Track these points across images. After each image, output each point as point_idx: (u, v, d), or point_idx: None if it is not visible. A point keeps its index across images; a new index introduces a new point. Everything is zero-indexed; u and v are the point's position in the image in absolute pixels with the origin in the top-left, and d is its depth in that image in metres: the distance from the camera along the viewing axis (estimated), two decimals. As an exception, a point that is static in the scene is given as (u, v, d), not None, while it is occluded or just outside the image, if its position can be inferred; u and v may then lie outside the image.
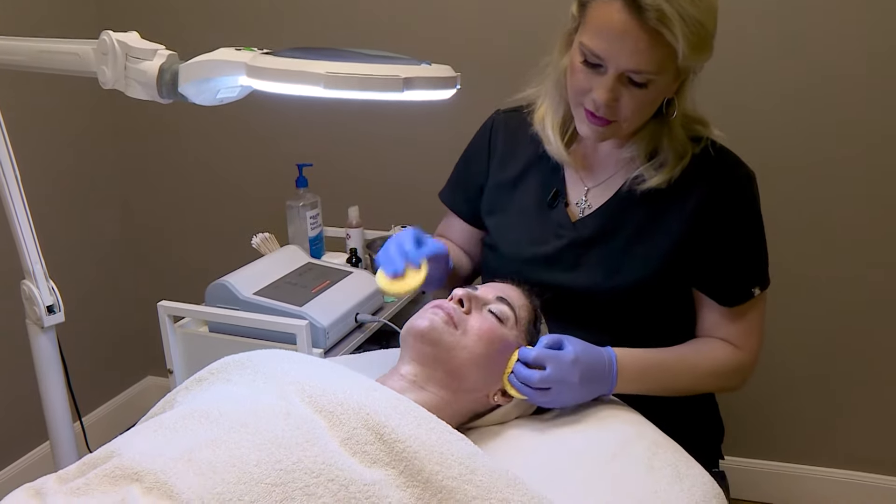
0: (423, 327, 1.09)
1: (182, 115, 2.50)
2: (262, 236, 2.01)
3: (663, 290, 1.28)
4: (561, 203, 1.34)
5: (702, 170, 1.25)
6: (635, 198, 1.28)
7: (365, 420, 0.91)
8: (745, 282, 1.27)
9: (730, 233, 1.25)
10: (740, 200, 1.26)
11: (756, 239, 1.29)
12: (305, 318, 1.57)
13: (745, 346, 1.29)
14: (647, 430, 1.14)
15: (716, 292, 1.28)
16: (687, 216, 1.25)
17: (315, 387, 0.96)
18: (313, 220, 2.07)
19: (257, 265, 1.80)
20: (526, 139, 1.39)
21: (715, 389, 1.30)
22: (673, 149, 1.24)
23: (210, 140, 2.54)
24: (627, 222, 1.28)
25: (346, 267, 1.90)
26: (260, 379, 1.02)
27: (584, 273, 1.28)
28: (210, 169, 2.57)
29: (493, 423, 1.15)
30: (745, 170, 1.27)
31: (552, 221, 1.33)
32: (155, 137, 2.61)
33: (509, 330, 1.14)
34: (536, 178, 1.38)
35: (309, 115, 2.38)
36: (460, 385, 1.10)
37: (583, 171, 1.35)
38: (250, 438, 0.87)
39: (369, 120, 2.34)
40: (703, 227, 1.25)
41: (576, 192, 1.35)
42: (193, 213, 2.64)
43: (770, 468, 2.28)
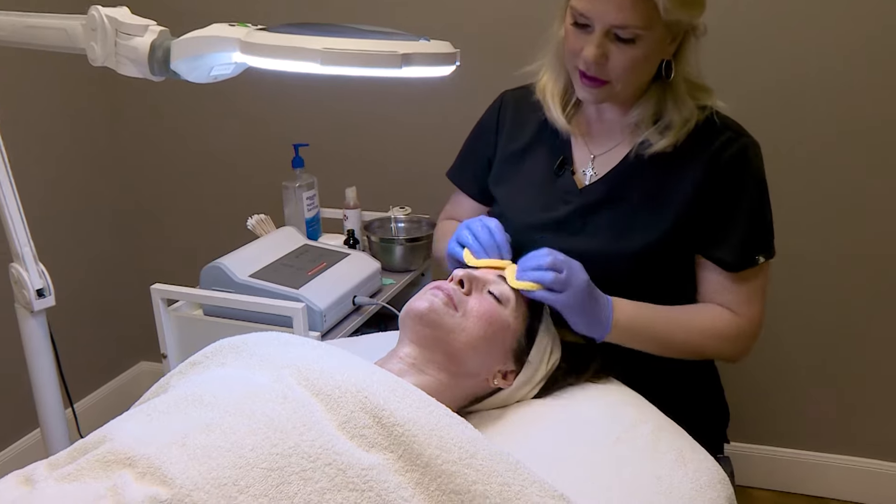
0: (423, 308, 1.10)
1: (176, 93, 2.49)
2: (258, 218, 2.01)
3: (669, 255, 1.29)
4: (567, 171, 1.37)
5: (707, 137, 1.28)
6: (642, 164, 1.31)
7: (363, 403, 0.91)
8: (749, 248, 1.29)
9: (735, 199, 1.28)
10: (746, 167, 1.28)
11: (761, 206, 1.31)
12: (302, 300, 1.57)
13: (744, 313, 1.30)
14: (651, 413, 1.15)
15: (719, 257, 1.30)
16: (693, 182, 1.27)
17: (312, 369, 0.96)
18: (310, 201, 2.07)
19: (253, 247, 1.80)
20: (533, 113, 1.43)
21: (710, 352, 1.31)
22: (678, 112, 1.28)
23: (204, 119, 2.53)
24: (634, 188, 1.31)
25: (343, 249, 1.90)
26: (255, 362, 1.02)
27: (591, 237, 1.31)
28: (204, 149, 2.56)
29: (494, 407, 1.16)
30: (750, 138, 1.31)
31: (559, 188, 1.37)
32: (148, 117, 2.60)
33: (510, 312, 1.15)
34: (544, 148, 1.41)
35: (305, 94, 2.37)
36: (459, 368, 1.10)
37: (588, 138, 1.39)
38: (245, 422, 0.87)
39: (367, 98, 2.33)
40: (709, 194, 1.27)
41: (582, 159, 1.38)
42: (188, 194, 2.64)
43: (776, 454, 2.30)
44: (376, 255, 1.97)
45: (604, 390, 1.20)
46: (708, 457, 1.08)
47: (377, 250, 2.00)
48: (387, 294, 1.84)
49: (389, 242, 2.00)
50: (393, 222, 2.12)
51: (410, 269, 2.00)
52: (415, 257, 1.99)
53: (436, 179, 1.56)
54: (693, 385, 1.43)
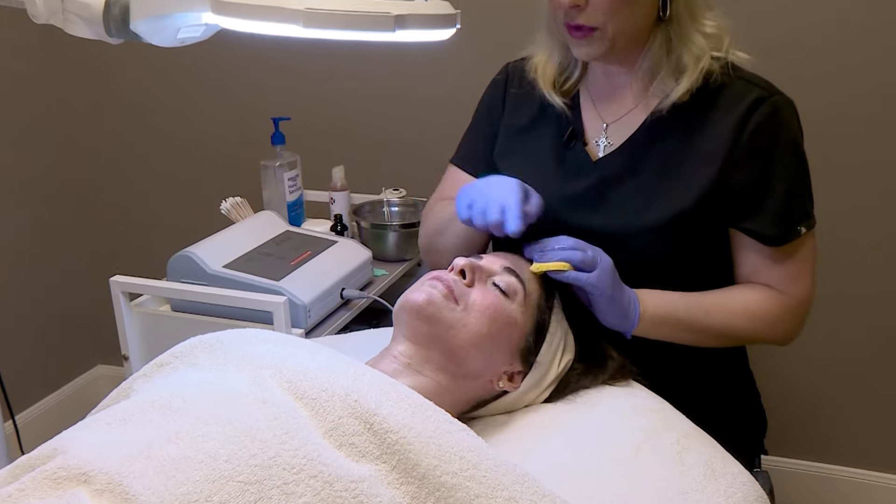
0: (420, 301, 1.10)
1: (136, 59, 2.48)
2: (233, 201, 2.01)
3: (699, 229, 1.30)
4: (578, 143, 1.38)
5: (733, 97, 1.29)
6: (662, 129, 1.32)
7: (352, 408, 0.91)
8: (789, 218, 1.30)
9: (769, 166, 1.28)
10: (779, 131, 1.28)
11: (800, 172, 1.31)
12: (283, 293, 1.57)
13: (791, 291, 1.31)
14: (675, 420, 1.15)
15: (757, 231, 1.30)
16: (720, 149, 1.28)
17: (295, 371, 0.96)
18: (292, 182, 2.07)
19: (227, 234, 1.80)
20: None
21: (756, 337, 1.33)
22: (687, 50, 1.29)
23: (169, 90, 2.53)
24: (655, 156, 1.32)
25: (329, 236, 1.90)
26: (231, 362, 1.02)
27: (610, 213, 1.32)
28: (170, 124, 2.56)
29: (499, 413, 1.16)
30: (782, 96, 1.31)
31: (570, 162, 1.38)
32: (102, 87, 2.59)
33: (517, 306, 1.15)
34: (551, 120, 1.42)
35: (286, 61, 2.37)
36: (460, 368, 1.10)
37: (599, 105, 1.40)
38: (220, 430, 0.87)
39: (357, 67, 2.32)
40: (740, 162, 1.28)
41: (594, 129, 1.39)
42: (151, 175, 2.64)
43: (822, 471, 2.28)
44: (367, 242, 1.97)
45: (623, 394, 1.20)
46: (742, 470, 1.08)
47: (368, 237, 2.00)
48: (379, 286, 1.85)
49: (382, 228, 2.00)
50: (385, 206, 2.12)
51: (405, 259, 2.00)
52: (410, 245, 1.99)
53: (434, 158, 1.56)
54: (724, 388, 1.43)
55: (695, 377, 1.36)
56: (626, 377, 1.24)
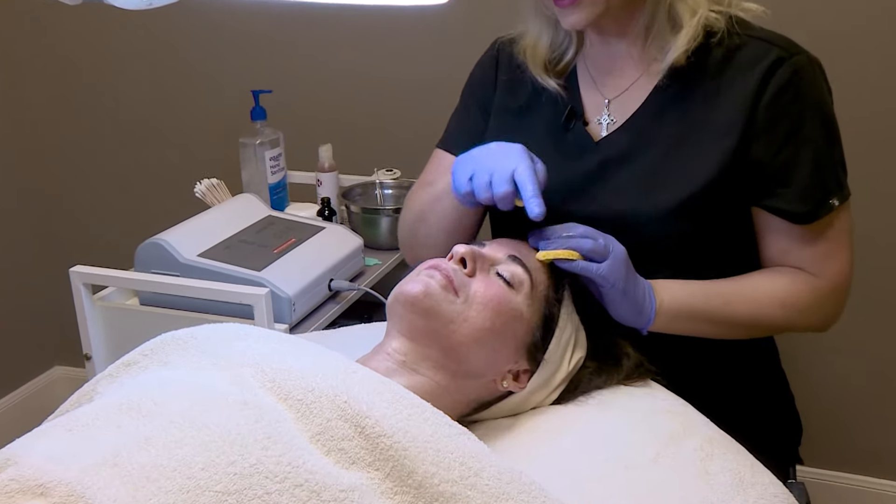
0: (416, 293, 1.10)
1: (96, 23, 2.47)
2: (208, 183, 2.01)
3: (716, 209, 1.29)
4: (578, 123, 1.38)
5: (747, 59, 1.29)
6: (670, 101, 1.32)
7: (341, 410, 0.91)
8: (819, 191, 1.28)
9: (793, 136, 1.27)
10: (802, 95, 1.27)
11: (829, 138, 1.30)
12: (265, 285, 1.57)
13: (826, 272, 1.30)
14: (699, 424, 1.15)
15: (783, 208, 1.29)
16: (738, 115, 1.27)
17: (278, 369, 0.96)
18: (274, 162, 2.08)
19: (202, 219, 1.80)
20: None
21: (787, 326, 1.32)
22: (682, 2, 1.28)
23: (135, 58, 2.52)
24: (664, 131, 1.32)
25: (316, 221, 1.90)
26: (208, 361, 1.02)
27: (616, 197, 1.31)
28: (136, 97, 2.56)
29: (504, 415, 1.16)
30: (804, 55, 1.29)
31: (570, 144, 1.38)
32: (58, 54, 2.57)
33: (522, 298, 1.15)
34: (546, 102, 1.42)
35: (268, 27, 2.36)
36: (460, 366, 1.11)
37: (599, 80, 1.40)
38: (195, 435, 0.87)
39: (346, 35, 2.32)
40: (759, 132, 1.27)
41: (594, 107, 1.39)
42: (115, 155, 2.63)
43: (865, 485, 2.29)
44: (357, 228, 1.98)
45: (640, 395, 1.20)
46: (774, 481, 1.08)
47: (359, 223, 2.00)
48: (371, 277, 1.85)
49: (374, 213, 2.01)
50: (378, 188, 2.13)
51: (398, 247, 2.00)
52: (405, 232, 2.00)
53: (433, 136, 1.55)
54: (753, 388, 1.44)
55: (720, 376, 1.37)
56: (644, 377, 1.24)
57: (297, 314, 1.62)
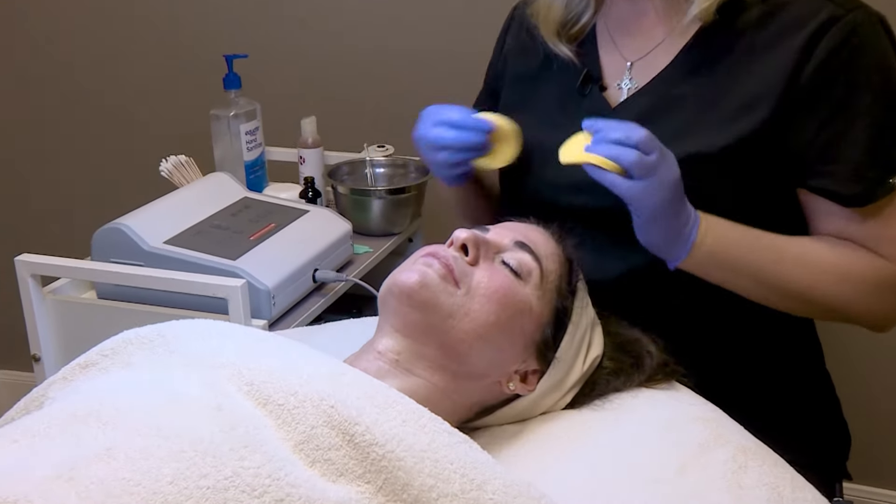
0: (411, 284, 1.10)
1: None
2: (176, 160, 2.01)
3: (738, 188, 1.30)
4: (595, 87, 1.40)
5: (796, 16, 1.28)
6: (699, 63, 1.32)
7: (328, 415, 0.92)
8: (875, 169, 1.27)
9: (848, 100, 1.26)
10: (858, 58, 1.26)
11: (890, 106, 1.28)
12: (241, 275, 1.58)
13: (892, 254, 1.29)
14: (731, 432, 1.15)
15: (831, 189, 1.29)
16: (777, 79, 1.27)
17: (257, 370, 0.97)
18: (250, 136, 2.08)
19: (169, 202, 1.80)
20: None
21: (842, 306, 1.29)
22: None
23: (92, 18, 2.51)
24: (688, 95, 1.32)
25: (298, 204, 1.90)
26: (176, 361, 1.02)
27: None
28: (93, 63, 2.55)
29: (510, 421, 1.17)
30: (863, 9, 1.28)
31: (584, 112, 1.36)
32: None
33: (531, 289, 1.15)
34: (561, 67, 1.44)
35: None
36: (461, 367, 1.11)
37: (620, 41, 1.42)
38: (163, 445, 0.87)
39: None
40: (805, 95, 1.26)
41: (615, 70, 1.41)
42: (68, 128, 2.62)
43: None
44: (345, 212, 1.98)
45: (664, 399, 1.21)
46: (818, 497, 1.08)
47: (347, 206, 2.01)
48: (360, 267, 1.85)
49: (364, 195, 2.01)
50: (368, 167, 2.13)
51: (393, 233, 2.01)
52: (399, 215, 2.00)
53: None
54: (795, 392, 1.44)
55: (756, 377, 1.37)
56: (669, 378, 1.25)
57: (277, 308, 1.63)
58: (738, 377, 1.30)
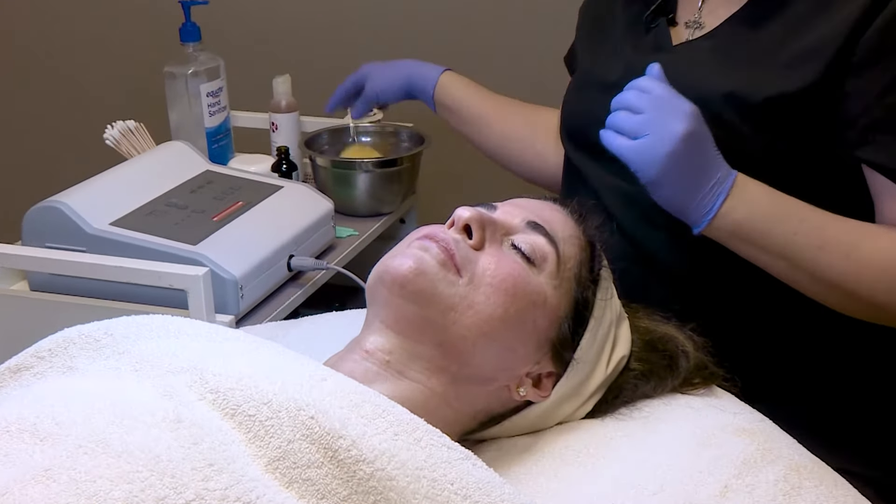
0: (405, 271, 1.10)
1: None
2: (123, 126, 2.01)
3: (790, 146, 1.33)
4: (663, 20, 1.48)
5: None
6: (768, 12, 1.37)
7: (307, 428, 0.92)
8: None
9: None
10: None
11: None
12: (203, 263, 1.58)
13: None
14: (782, 446, 1.16)
15: (883, 163, 1.31)
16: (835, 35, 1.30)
17: (223, 376, 0.97)
18: (213, 98, 2.07)
19: (116, 176, 1.80)
20: None
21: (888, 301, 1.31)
22: None
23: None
24: (750, 45, 1.38)
25: (270, 178, 1.90)
26: (127, 364, 1.02)
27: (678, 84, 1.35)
28: (17, 12, 2.55)
29: (521, 433, 1.18)
30: None
31: (645, 45, 1.48)
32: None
33: (546, 278, 1.16)
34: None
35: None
36: (463, 369, 1.11)
37: None
38: (112, 464, 0.87)
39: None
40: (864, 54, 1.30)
41: (688, 6, 1.48)
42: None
43: None
44: (326, 188, 1.98)
45: (702, 407, 1.21)
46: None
47: (327, 181, 2.01)
48: (344, 252, 1.86)
49: (348, 168, 2.01)
50: (353, 135, 2.13)
51: (382, 213, 2.01)
52: (389, 192, 2.01)
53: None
54: (858, 400, 1.45)
55: (812, 381, 1.37)
56: (708, 382, 1.25)
57: (245, 302, 1.63)
58: (791, 382, 1.31)
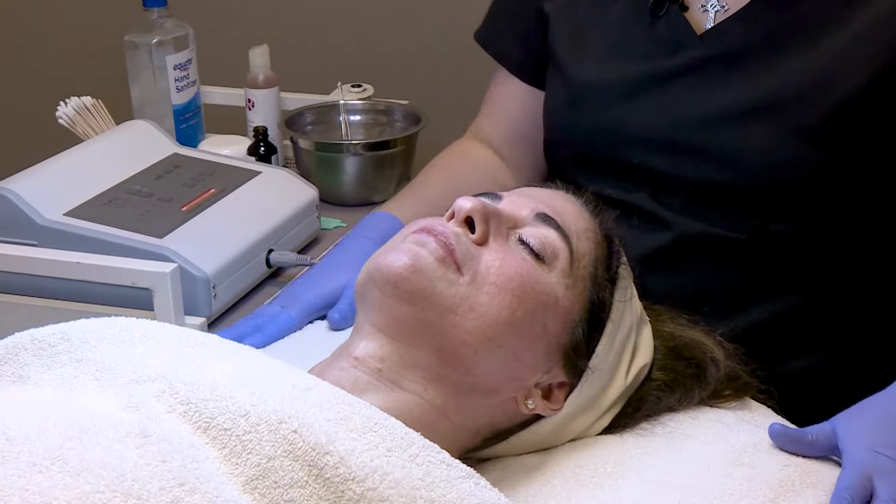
0: (399, 269, 1.11)
1: None
2: (78, 103, 2.01)
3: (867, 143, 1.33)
4: (674, 7, 1.43)
5: None
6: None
7: (289, 443, 0.93)
8: None
9: None
10: None
11: None
12: (171, 258, 1.58)
13: None
14: (821, 467, 1.16)
15: None
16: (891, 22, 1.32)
17: (195, 385, 0.97)
18: (181, 72, 2.08)
19: (70, 160, 1.80)
20: None
21: None
22: None
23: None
24: (795, 23, 1.36)
25: (247, 163, 1.90)
26: (86, 373, 1.03)
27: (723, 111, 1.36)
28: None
29: (530, 451, 1.19)
30: None
31: (659, 39, 1.43)
32: None
33: (557, 277, 1.16)
34: None
35: None
36: (464, 378, 1.12)
37: None
38: (70, 484, 0.87)
39: None
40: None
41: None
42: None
43: None
44: (310, 174, 1.99)
45: (734, 423, 1.22)
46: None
47: (312, 165, 2.02)
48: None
49: (335, 151, 2.02)
50: (341, 113, 2.14)
51: (373, 202, 2.02)
52: (381, 179, 2.02)
53: (417, 33, 1.58)
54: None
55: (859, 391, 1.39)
56: (741, 394, 1.27)
57: (219, 302, 1.64)
58: (837, 392, 1.32)
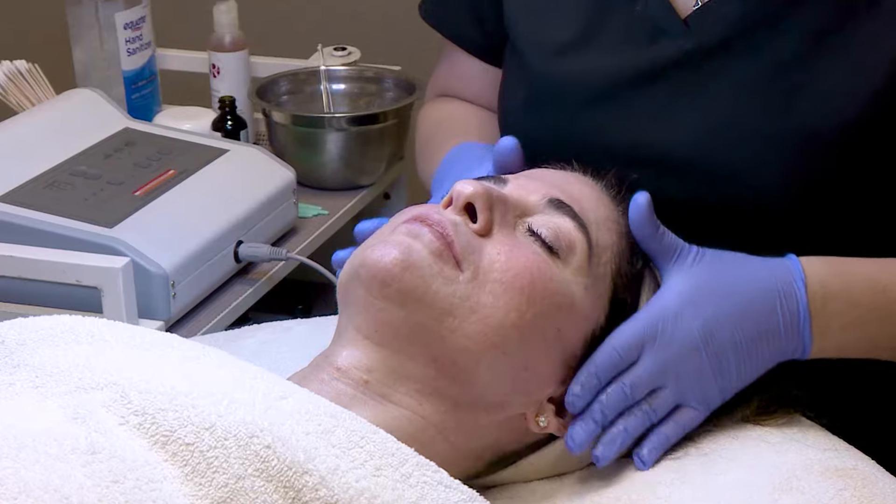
0: (388, 264, 1.13)
1: None
2: (11, 69, 2.03)
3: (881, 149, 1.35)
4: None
5: None
6: None
7: (262, 460, 0.95)
8: None
9: None
10: None
11: None
12: (123, 252, 1.61)
13: None
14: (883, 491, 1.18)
15: None
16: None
17: (151, 393, 0.99)
18: (133, 32, 2.10)
19: (2, 135, 1.85)
20: None
21: None
22: None
23: None
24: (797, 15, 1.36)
25: (211, 139, 1.92)
26: (24, 380, 1.05)
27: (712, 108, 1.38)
28: None
29: (541, 476, 1.21)
30: None
31: (635, 25, 1.43)
32: None
33: (572, 274, 1.19)
34: None
35: None
36: (465, 391, 1.15)
37: None
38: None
39: None
40: None
41: None
42: None
43: None
44: (285, 152, 2.01)
45: (780, 442, 1.24)
46: None
47: (288, 143, 2.04)
48: (310, 238, 1.89)
49: (315, 126, 2.04)
50: (323, 82, 2.16)
51: (360, 186, 2.05)
52: (369, 158, 2.04)
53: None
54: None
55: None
56: (787, 411, 1.29)
57: (179, 303, 1.66)
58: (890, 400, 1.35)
